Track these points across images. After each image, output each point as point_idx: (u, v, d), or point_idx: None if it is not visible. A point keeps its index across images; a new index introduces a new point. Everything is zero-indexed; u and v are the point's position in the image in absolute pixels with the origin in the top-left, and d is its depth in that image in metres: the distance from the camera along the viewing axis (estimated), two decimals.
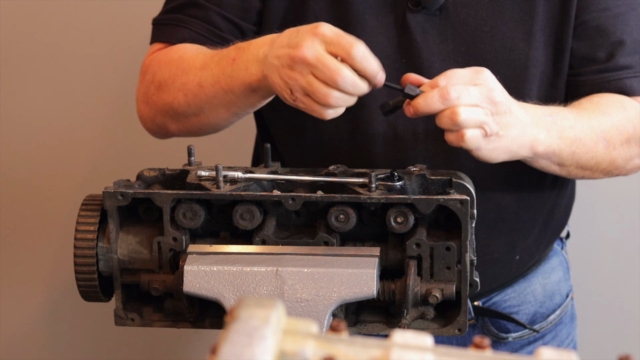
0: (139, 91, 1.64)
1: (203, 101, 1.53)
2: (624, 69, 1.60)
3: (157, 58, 1.62)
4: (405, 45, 1.58)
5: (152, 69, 1.61)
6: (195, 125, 1.59)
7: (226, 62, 1.49)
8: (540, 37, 1.58)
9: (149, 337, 2.41)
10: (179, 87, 1.55)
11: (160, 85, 1.58)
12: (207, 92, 1.52)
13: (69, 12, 2.24)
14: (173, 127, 1.61)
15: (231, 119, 1.57)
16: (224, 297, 1.39)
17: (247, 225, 1.43)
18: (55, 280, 2.39)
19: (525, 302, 1.74)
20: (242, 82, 1.47)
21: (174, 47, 1.62)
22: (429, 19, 1.57)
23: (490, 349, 0.89)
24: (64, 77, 2.28)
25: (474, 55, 1.58)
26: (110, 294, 1.50)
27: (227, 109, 1.53)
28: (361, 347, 0.87)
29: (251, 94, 1.48)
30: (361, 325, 1.45)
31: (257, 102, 1.51)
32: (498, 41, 1.58)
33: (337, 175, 1.46)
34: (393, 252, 1.44)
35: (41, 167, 2.33)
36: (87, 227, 1.46)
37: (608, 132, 1.55)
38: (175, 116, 1.58)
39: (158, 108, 1.60)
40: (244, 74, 1.46)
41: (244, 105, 1.52)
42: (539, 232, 1.71)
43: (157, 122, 1.63)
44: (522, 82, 1.59)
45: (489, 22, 1.57)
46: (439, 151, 1.59)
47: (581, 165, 1.55)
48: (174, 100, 1.56)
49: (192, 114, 1.56)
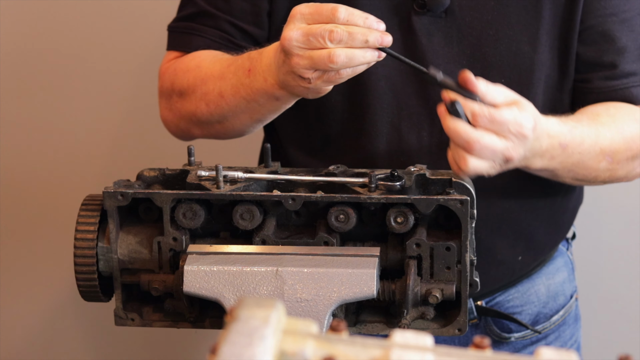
0: (161, 97, 1.68)
1: (225, 110, 1.56)
2: (630, 76, 1.59)
3: (174, 66, 1.65)
4: (411, 47, 1.58)
5: (170, 77, 1.64)
6: (220, 131, 1.62)
7: (242, 73, 1.52)
8: (546, 40, 1.57)
9: (149, 337, 2.41)
10: (200, 96, 1.58)
11: (181, 93, 1.62)
12: (228, 102, 1.55)
13: (70, 13, 2.24)
14: (197, 132, 1.65)
15: (255, 124, 1.60)
16: (224, 297, 1.39)
17: (247, 225, 1.43)
18: (55, 280, 2.39)
19: (529, 302, 1.74)
20: (264, 92, 1.49)
21: (190, 55, 1.65)
22: (434, 21, 1.57)
23: (490, 348, 0.89)
24: (65, 78, 2.28)
25: (478, 58, 1.57)
26: (110, 294, 1.50)
27: (250, 117, 1.56)
28: (361, 347, 0.87)
29: (274, 101, 1.51)
30: (361, 325, 1.45)
31: (279, 107, 1.54)
32: (503, 44, 1.57)
33: (337, 175, 1.46)
34: (393, 252, 1.44)
35: (41, 167, 2.33)
36: (87, 227, 1.46)
37: (616, 150, 1.54)
38: (199, 123, 1.62)
39: (182, 115, 1.63)
40: (263, 84, 1.49)
41: (266, 111, 1.55)
42: (543, 234, 1.70)
43: (182, 127, 1.66)
44: (528, 86, 1.58)
45: (494, 25, 1.57)
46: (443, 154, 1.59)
47: (578, 179, 1.55)
48: (197, 109, 1.59)
49: (216, 122, 1.60)
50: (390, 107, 1.60)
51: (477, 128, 1.35)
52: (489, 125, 1.35)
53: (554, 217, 1.71)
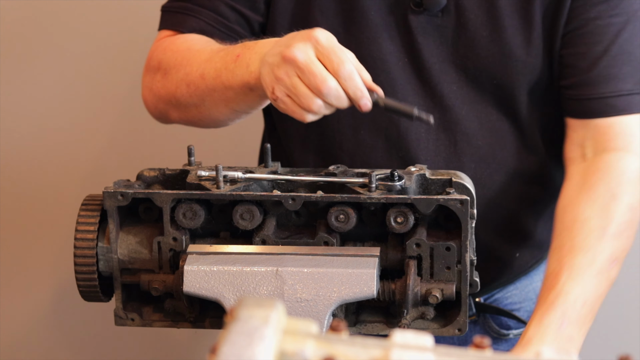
0: (145, 77, 1.65)
1: (204, 93, 1.54)
2: (607, 81, 1.56)
3: (164, 45, 1.63)
4: (407, 45, 1.58)
5: (158, 56, 1.62)
6: (196, 117, 1.60)
7: (230, 57, 1.50)
8: (539, 44, 1.57)
9: (149, 337, 2.41)
10: (182, 76, 1.56)
11: (165, 72, 1.60)
12: (208, 85, 1.53)
13: (71, 11, 2.24)
14: (175, 115, 1.63)
15: (231, 115, 1.57)
16: (224, 297, 1.39)
17: (247, 225, 1.43)
18: (55, 280, 2.39)
19: (527, 299, 1.74)
20: (241, 79, 1.47)
21: (182, 37, 1.63)
22: (430, 20, 1.57)
23: (490, 348, 0.89)
24: (65, 77, 2.28)
25: (471, 58, 1.58)
26: (110, 294, 1.50)
27: (225, 105, 1.54)
28: (361, 347, 0.87)
29: (249, 92, 1.48)
30: (361, 325, 1.45)
31: (254, 101, 1.51)
32: (496, 47, 1.57)
33: (337, 175, 1.46)
34: (393, 252, 1.44)
35: (41, 167, 2.33)
36: (87, 227, 1.46)
37: (616, 257, 1.52)
38: (177, 105, 1.60)
39: (161, 96, 1.61)
40: (244, 71, 1.46)
41: (242, 102, 1.52)
42: (541, 231, 1.71)
43: (160, 109, 1.64)
44: (518, 89, 1.59)
45: (488, 27, 1.57)
46: (441, 149, 1.59)
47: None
48: (177, 90, 1.57)
49: (193, 105, 1.57)
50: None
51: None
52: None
53: (551, 215, 1.72)
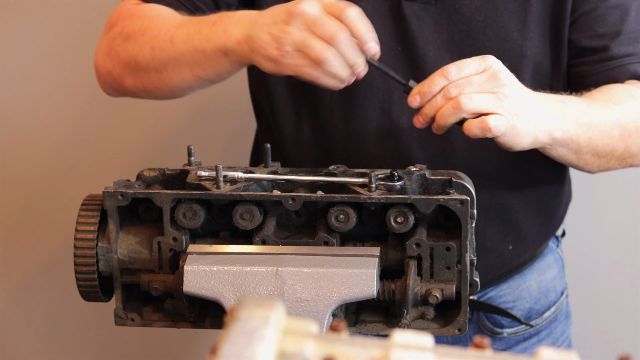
0: (102, 41, 1.63)
1: (170, 57, 1.53)
2: (625, 57, 1.61)
3: (131, 11, 1.62)
4: (401, 33, 1.59)
5: (123, 22, 1.61)
6: (154, 83, 1.58)
7: (206, 23, 1.50)
8: (535, 28, 1.59)
9: (149, 337, 2.41)
10: (148, 40, 1.55)
11: (128, 36, 1.58)
12: (176, 48, 1.52)
13: (70, 11, 2.24)
14: (129, 82, 1.60)
15: (192, 83, 1.56)
16: (224, 297, 1.39)
17: (247, 225, 1.43)
18: (55, 280, 2.39)
19: (520, 298, 1.75)
20: (216, 43, 1.48)
21: (149, 5, 1.62)
22: (424, 7, 1.59)
23: (490, 348, 0.89)
24: (64, 77, 2.28)
25: (467, 44, 1.59)
26: (110, 294, 1.50)
27: (191, 70, 1.53)
28: (361, 347, 0.87)
29: (221, 56, 1.48)
30: (361, 325, 1.45)
31: (224, 67, 1.51)
32: (492, 31, 1.59)
33: (337, 175, 1.46)
34: (393, 252, 1.44)
35: (41, 167, 2.33)
36: (87, 227, 1.46)
37: (622, 119, 1.56)
38: (136, 69, 1.58)
39: (120, 59, 1.59)
40: (221, 35, 1.47)
41: (209, 68, 1.52)
42: (533, 224, 1.72)
43: (114, 74, 1.61)
44: (516, 72, 1.59)
45: (483, 12, 1.59)
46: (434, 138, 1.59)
47: (597, 152, 1.55)
48: (139, 53, 1.56)
49: (154, 70, 1.56)
50: (380, 92, 1.61)
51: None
52: (446, 76, 1.41)
53: (543, 208, 1.73)
